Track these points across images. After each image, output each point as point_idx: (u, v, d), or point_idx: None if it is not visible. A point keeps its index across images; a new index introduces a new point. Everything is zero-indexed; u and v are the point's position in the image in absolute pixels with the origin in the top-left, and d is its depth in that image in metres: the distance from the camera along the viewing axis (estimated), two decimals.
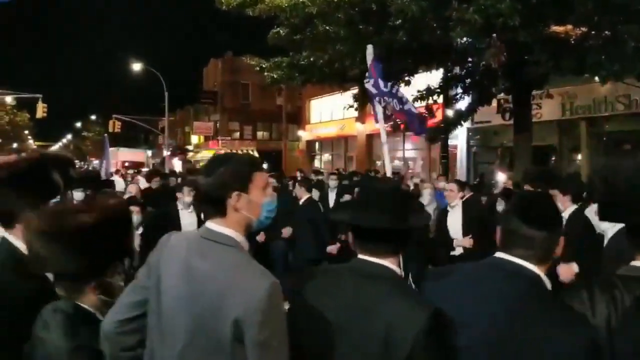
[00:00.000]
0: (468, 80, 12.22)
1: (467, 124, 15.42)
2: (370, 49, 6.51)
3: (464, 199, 6.80)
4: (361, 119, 22.84)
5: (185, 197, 7.04)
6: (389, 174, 6.10)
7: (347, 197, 8.35)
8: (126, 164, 34.99)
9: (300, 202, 8.31)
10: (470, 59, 11.46)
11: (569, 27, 9.02)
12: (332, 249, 7.71)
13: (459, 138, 18.84)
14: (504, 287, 1.73)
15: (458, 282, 1.85)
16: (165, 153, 38.00)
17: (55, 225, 1.86)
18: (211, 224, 1.83)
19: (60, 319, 1.85)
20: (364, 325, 1.70)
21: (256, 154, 39.94)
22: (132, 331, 1.84)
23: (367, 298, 1.74)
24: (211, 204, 1.83)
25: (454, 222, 6.58)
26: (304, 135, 32.25)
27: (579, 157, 15.86)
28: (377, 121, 6.31)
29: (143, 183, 12.73)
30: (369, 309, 1.71)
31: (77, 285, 1.93)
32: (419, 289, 1.97)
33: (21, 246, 2.20)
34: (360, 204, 1.92)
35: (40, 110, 31.25)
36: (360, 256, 1.86)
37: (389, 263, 1.83)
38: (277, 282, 1.68)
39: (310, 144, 31.83)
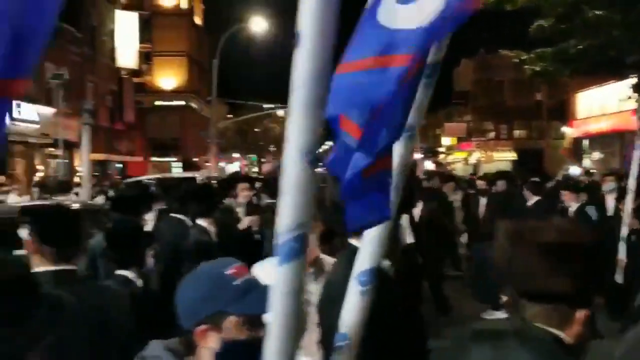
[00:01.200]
0: None
1: None
2: None
3: None
4: None
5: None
6: (631, 185, 5.31)
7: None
8: None
9: (529, 204, 8.21)
10: None
11: None
12: None
13: None
14: None
15: None
16: (418, 156, 38.70)
17: (561, 240, 1.50)
18: None
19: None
20: None
21: (514, 154, 38.13)
22: None
23: None
24: None
25: None
26: (570, 131, 29.66)
27: None
28: None
29: None
30: None
31: (563, 312, 1.52)
32: None
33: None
34: None
35: None
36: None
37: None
38: None
39: (577, 141, 29.05)
